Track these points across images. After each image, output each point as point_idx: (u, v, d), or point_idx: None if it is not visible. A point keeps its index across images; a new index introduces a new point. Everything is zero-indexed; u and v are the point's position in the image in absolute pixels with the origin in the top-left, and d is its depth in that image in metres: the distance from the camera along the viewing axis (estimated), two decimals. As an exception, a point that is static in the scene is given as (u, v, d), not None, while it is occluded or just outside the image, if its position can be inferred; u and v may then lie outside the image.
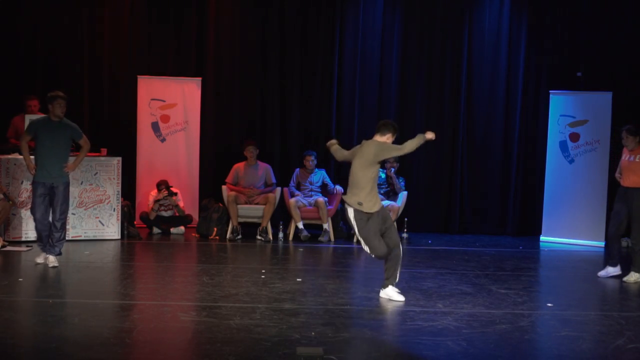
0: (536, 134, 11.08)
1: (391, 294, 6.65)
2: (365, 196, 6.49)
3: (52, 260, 7.74)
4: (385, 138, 6.66)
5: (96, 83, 10.92)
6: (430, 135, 6.61)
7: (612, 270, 8.12)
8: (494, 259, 9.07)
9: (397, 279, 6.71)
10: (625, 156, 8.13)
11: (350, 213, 6.56)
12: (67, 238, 9.16)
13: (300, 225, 10.02)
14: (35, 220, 7.80)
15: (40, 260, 7.85)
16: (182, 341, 5.46)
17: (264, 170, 10.23)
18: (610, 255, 8.20)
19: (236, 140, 10.90)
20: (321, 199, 10.06)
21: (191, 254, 9.32)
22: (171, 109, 10.74)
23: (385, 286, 6.70)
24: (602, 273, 8.15)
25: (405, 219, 10.35)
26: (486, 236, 10.96)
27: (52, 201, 7.73)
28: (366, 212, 6.49)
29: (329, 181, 10.42)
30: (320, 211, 10.01)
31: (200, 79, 10.84)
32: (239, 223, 9.99)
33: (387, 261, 6.67)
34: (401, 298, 6.63)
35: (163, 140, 10.73)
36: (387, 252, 6.56)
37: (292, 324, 5.78)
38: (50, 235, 7.75)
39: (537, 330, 6.03)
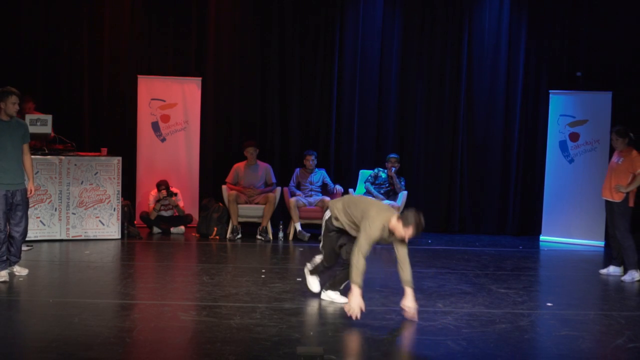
0: (536, 133, 11.09)
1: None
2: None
3: (20, 270, 7.28)
4: (402, 230, 5.93)
5: (96, 83, 10.92)
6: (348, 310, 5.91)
7: (614, 270, 8.16)
8: (494, 259, 9.08)
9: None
10: (614, 158, 8.20)
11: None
12: (68, 237, 9.29)
13: (299, 227, 10.02)
14: None
15: (5, 278, 7.04)
16: (182, 341, 5.46)
17: (264, 170, 10.23)
18: (613, 255, 8.27)
19: (236, 140, 10.91)
20: (327, 199, 10.06)
21: (191, 254, 9.32)
22: (171, 109, 10.74)
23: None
24: (603, 271, 8.19)
25: (405, 219, 10.33)
26: (486, 236, 10.96)
27: (12, 208, 7.07)
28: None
29: (329, 181, 10.43)
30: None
31: (200, 79, 10.84)
32: (239, 223, 9.99)
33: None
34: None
35: (163, 140, 10.73)
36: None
37: (292, 324, 5.79)
38: (14, 245, 7.15)
39: (537, 329, 6.03)
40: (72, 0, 10.77)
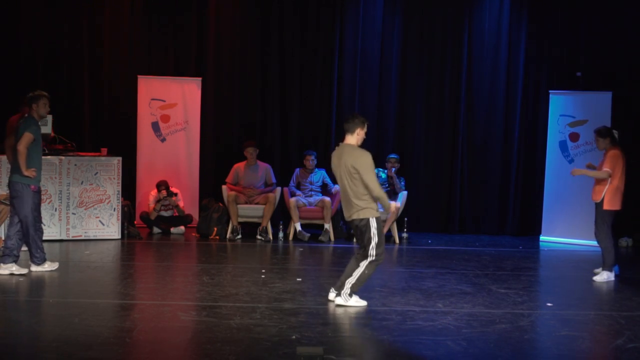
0: (536, 134, 11.09)
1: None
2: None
3: (19, 269, 7.40)
4: (356, 134, 6.37)
5: (96, 83, 10.93)
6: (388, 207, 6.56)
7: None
8: (494, 259, 9.07)
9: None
10: (600, 159, 8.20)
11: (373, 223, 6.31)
12: (68, 238, 9.30)
13: (299, 227, 10.02)
14: (37, 230, 7.39)
15: (42, 268, 7.47)
16: (182, 341, 5.46)
17: (264, 170, 10.23)
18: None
19: (236, 140, 10.90)
20: (327, 199, 10.07)
21: (191, 254, 9.33)
22: (171, 109, 10.74)
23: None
24: (597, 278, 8.07)
25: (405, 219, 10.35)
26: (486, 236, 10.96)
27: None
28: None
29: (329, 181, 10.42)
30: (325, 210, 10.01)
31: (200, 79, 10.85)
32: (239, 223, 9.99)
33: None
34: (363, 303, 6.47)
35: (163, 140, 10.73)
36: None
37: (292, 324, 5.79)
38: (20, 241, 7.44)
39: (537, 329, 6.03)
40: (72, 0, 10.77)
